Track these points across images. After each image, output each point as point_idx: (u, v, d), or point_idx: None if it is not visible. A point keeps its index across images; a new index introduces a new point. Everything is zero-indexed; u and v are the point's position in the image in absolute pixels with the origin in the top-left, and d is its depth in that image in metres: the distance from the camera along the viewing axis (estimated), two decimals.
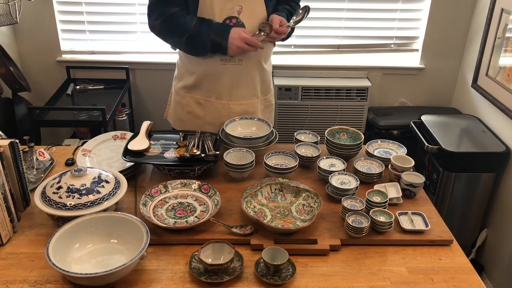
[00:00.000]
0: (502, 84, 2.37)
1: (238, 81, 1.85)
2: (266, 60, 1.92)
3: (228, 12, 1.72)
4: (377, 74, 2.99)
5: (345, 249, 1.32)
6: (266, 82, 1.96)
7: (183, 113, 1.95)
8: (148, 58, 2.93)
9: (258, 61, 1.87)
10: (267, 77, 1.96)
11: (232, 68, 1.81)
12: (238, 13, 1.73)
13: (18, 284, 1.17)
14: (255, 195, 1.46)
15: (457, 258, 1.32)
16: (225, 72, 1.82)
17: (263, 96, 1.98)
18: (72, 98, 2.69)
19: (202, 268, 1.21)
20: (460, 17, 2.84)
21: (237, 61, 1.80)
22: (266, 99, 2.00)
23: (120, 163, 1.62)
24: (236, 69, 1.82)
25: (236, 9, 1.73)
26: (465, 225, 2.50)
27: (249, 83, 1.89)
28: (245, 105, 1.92)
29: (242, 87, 1.87)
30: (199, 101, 1.90)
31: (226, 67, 1.81)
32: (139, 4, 2.80)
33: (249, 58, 1.82)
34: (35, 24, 2.78)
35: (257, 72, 1.89)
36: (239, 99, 1.90)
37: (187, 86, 1.91)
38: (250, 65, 1.84)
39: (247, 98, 1.91)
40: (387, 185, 1.57)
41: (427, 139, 2.46)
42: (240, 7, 1.72)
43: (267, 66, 1.94)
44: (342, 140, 1.79)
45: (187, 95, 1.92)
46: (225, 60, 1.79)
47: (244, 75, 1.85)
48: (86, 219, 1.26)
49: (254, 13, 1.76)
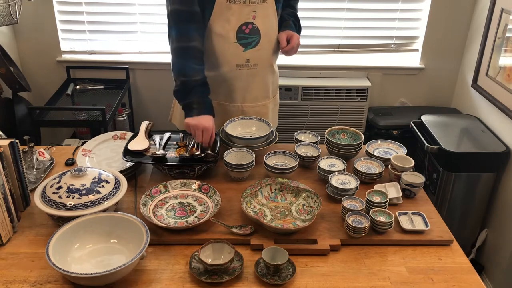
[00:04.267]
0: (502, 84, 2.37)
1: (252, 84, 1.86)
2: (275, 61, 1.95)
3: (244, 18, 1.73)
4: (377, 74, 2.99)
5: (345, 249, 1.32)
6: (275, 82, 1.99)
7: None
8: (148, 58, 2.93)
9: (270, 64, 1.89)
10: (276, 77, 2.00)
11: (247, 72, 1.82)
12: (253, 18, 1.74)
13: (18, 284, 1.17)
14: (255, 195, 1.46)
15: (457, 258, 1.32)
16: (240, 77, 1.82)
17: (273, 96, 2.00)
18: (72, 98, 2.69)
19: (202, 268, 1.21)
20: (460, 17, 2.84)
21: (252, 65, 1.81)
22: (275, 99, 2.03)
23: (120, 163, 1.62)
24: (251, 73, 1.83)
25: (251, 15, 1.73)
26: (465, 225, 2.50)
27: (263, 85, 1.90)
28: (258, 107, 1.93)
29: (255, 89, 1.88)
30: None
31: (241, 71, 1.82)
32: (139, 4, 2.80)
33: (264, 62, 1.84)
34: (35, 24, 2.78)
35: (270, 74, 1.91)
36: (252, 101, 1.91)
37: None
38: (264, 68, 1.86)
39: (260, 99, 1.93)
40: (387, 185, 1.57)
41: (427, 139, 2.46)
42: (255, 12, 1.73)
43: (276, 68, 1.97)
44: (342, 140, 1.79)
45: None
46: (240, 65, 1.80)
47: (258, 78, 1.86)
48: (86, 219, 1.26)
49: (267, 17, 1.77)
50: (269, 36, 1.80)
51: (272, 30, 1.81)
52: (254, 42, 1.77)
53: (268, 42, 1.81)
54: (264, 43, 1.79)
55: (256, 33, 1.76)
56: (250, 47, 1.77)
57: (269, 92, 1.96)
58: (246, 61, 1.78)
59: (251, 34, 1.75)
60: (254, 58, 1.80)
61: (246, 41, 1.75)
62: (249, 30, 1.74)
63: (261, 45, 1.79)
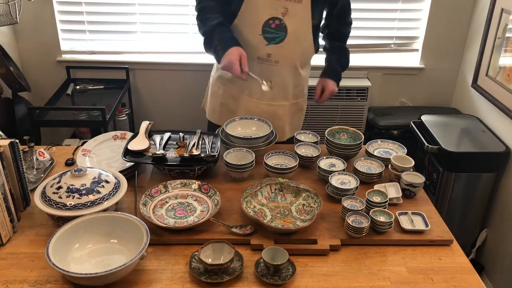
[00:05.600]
0: (502, 84, 2.37)
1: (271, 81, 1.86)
2: (303, 66, 1.93)
3: (273, 12, 1.73)
4: (377, 74, 2.99)
5: (345, 249, 1.32)
6: (299, 87, 1.97)
7: (216, 104, 1.98)
8: (148, 58, 2.93)
9: (294, 65, 1.88)
10: (301, 82, 1.97)
11: (267, 67, 1.83)
12: (283, 15, 1.74)
13: (18, 284, 1.17)
14: (255, 195, 1.46)
15: (457, 258, 1.32)
16: (259, 71, 1.82)
17: (294, 100, 1.98)
18: (72, 98, 2.69)
19: (202, 268, 1.21)
20: (460, 17, 2.84)
21: (273, 62, 1.82)
22: (297, 104, 2.01)
23: (120, 163, 1.62)
24: (270, 69, 1.83)
25: (280, 11, 1.74)
26: (465, 225, 2.50)
27: (281, 85, 1.89)
28: (275, 106, 1.93)
29: (274, 88, 1.87)
30: (233, 94, 1.93)
31: (261, 65, 1.82)
32: (139, 4, 2.80)
33: (286, 60, 1.84)
34: (35, 24, 2.78)
35: (291, 76, 1.90)
36: (269, 100, 1.91)
37: (223, 78, 1.93)
38: (285, 68, 1.86)
39: (278, 99, 1.93)
40: (387, 185, 1.57)
41: (427, 139, 2.46)
42: (286, 9, 1.73)
43: (303, 72, 1.95)
44: (342, 140, 1.78)
45: (223, 87, 1.95)
46: (261, 59, 1.81)
47: (278, 76, 1.86)
48: (86, 219, 1.26)
49: (298, 17, 1.77)
50: (296, 36, 1.79)
51: (302, 32, 1.81)
52: (278, 39, 1.77)
53: (294, 41, 1.80)
54: (289, 42, 1.79)
55: (283, 30, 1.76)
56: (273, 42, 1.77)
57: (289, 94, 1.94)
58: (267, 55, 1.79)
59: (276, 30, 1.76)
60: (276, 54, 1.80)
61: (270, 36, 1.76)
62: (275, 25, 1.75)
63: (286, 43, 1.78)
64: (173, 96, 2.99)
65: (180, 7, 2.82)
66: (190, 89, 2.95)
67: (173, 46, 2.92)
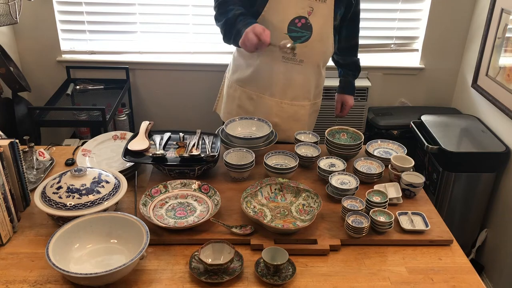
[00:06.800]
0: (502, 84, 2.37)
1: (294, 81, 1.86)
2: (324, 65, 1.94)
3: (299, 11, 1.74)
4: (377, 74, 2.99)
5: (345, 249, 1.32)
6: (319, 87, 1.99)
7: (233, 106, 1.98)
8: (148, 58, 2.93)
9: (317, 64, 1.89)
10: (321, 82, 1.99)
11: (291, 67, 1.83)
12: (308, 14, 1.74)
13: (18, 284, 1.17)
14: (255, 195, 1.46)
15: (457, 258, 1.32)
16: (283, 70, 1.83)
17: (314, 100, 1.99)
18: (72, 98, 2.69)
19: (202, 268, 1.21)
20: (460, 17, 2.84)
21: (298, 61, 1.82)
22: (316, 104, 2.02)
23: (120, 163, 1.62)
24: (295, 68, 1.83)
25: (307, 10, 1.74)
26: (465, 225, 2.50)
27: (305, 84, 1.90)
28: (297, 106, 1.93)
29: (297, 87, 1.87)
30: (251, 96, 1.92)
31: (286, 65, 1.82)
32: (139, 4, 2.80)
33: (310, 60, 1.84)
34: (35, 24, 2.78)
35: (314, 76, 1.91)
36: (292, 99, 1.91)
37: (241, 79, 1.93)
38: (309, 67, 1.86)
39: (300, 99, 1.93)
40: (387, 185, 1.57)
41: (427, 139, 2.46)
42: (311, 8, 1.74)
43: (323, 72, 1.96)
44: (342, 140, 1.79)
45: (240, 89, 1.94)
46: (286, 58, 1.81)
47: (302, 75, 1.86)
48: (86, 219, 1.26)
49: (322, 17, 1.77)
50: (321, 35, 1.80)
51: (326, 32, 1.81)
52: (304, 38, 1.77)
53: (319, 41, 1.81)
54: (314, 41, 1.79)
55: (308, 29, 1.76)
56: (299, 41, 1.77)
57: (311, 94, 1.94)
58: (292, 54, 1.78)
59: (302, 29, 1.76)
60: (301, 53, 1.80)
61: (296, 35, 1.76)
62: (301, 24, 1.75)
63: (311, 43, 1.79)
64: (173, 96, 2.99)
65: (180, 7, 2.82)
66: (190, 89, 2.95)
67: (173, 46, 2.92)
